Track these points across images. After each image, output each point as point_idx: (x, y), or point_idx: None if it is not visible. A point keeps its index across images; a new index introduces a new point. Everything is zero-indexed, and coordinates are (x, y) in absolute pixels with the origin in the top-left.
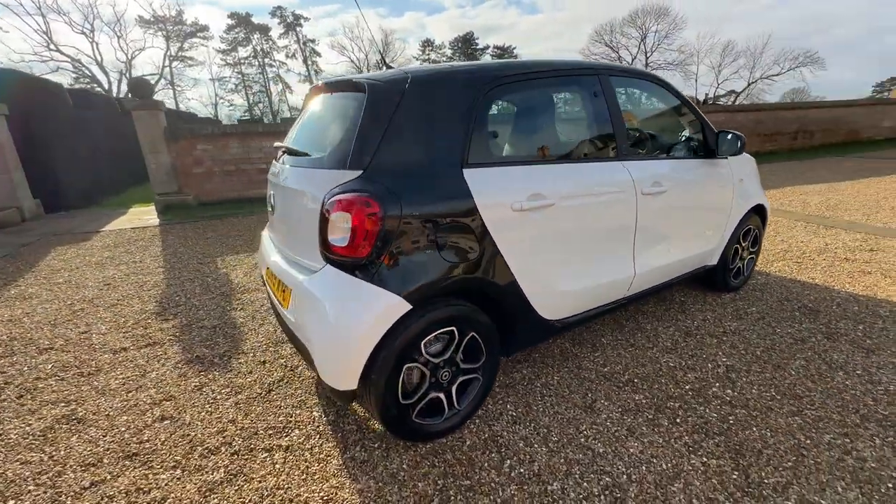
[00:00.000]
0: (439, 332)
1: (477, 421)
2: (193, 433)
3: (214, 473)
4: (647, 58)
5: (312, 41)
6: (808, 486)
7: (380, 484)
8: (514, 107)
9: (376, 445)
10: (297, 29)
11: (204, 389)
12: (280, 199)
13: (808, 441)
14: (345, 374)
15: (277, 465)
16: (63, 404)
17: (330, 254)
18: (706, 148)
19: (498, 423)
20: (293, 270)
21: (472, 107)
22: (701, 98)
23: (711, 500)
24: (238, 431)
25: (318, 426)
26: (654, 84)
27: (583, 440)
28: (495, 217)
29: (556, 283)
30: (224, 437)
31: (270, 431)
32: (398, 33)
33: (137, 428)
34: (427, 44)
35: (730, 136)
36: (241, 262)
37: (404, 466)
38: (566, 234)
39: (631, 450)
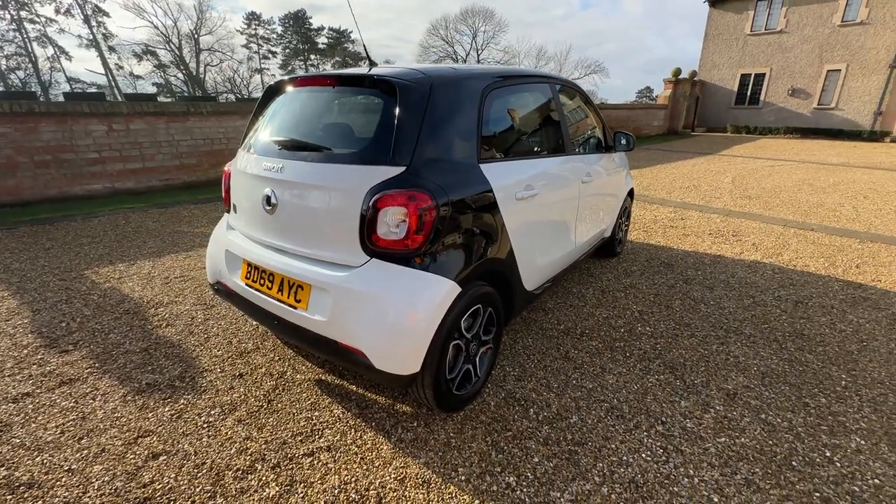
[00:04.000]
0: (472, 309)
1: (489, 386)
2: (208, 460)
3: (266, 489)
4: (478, 54)
5: None
6: (718, 378)
7: (439, 454)
8: (506, 107)
9: (415, 424)
10: None
11: (185, 416)
12: (287, 195)
13: (705, 351)
14: (410, 359)
15: (330, 465)
16: None
17: (376, 247)
18: (606, 144)
19: (506, 383)
20: (315, 268)
21: (480, 106)
22: None
23: (672, 402)
24: (264, 445)
25: (347, 422)
26: (576, 92)
27: (575, 382)
28: (505, 206)
29: (535, 258)
30: (251, 455)
31: (300, 437)
32: (213, 1)
33: (128, 472)
34: (253, 17)
35: (624, 136)
36: (127, 274)
37: (451, 435)
38: (542, 217)
39: (610, 381)
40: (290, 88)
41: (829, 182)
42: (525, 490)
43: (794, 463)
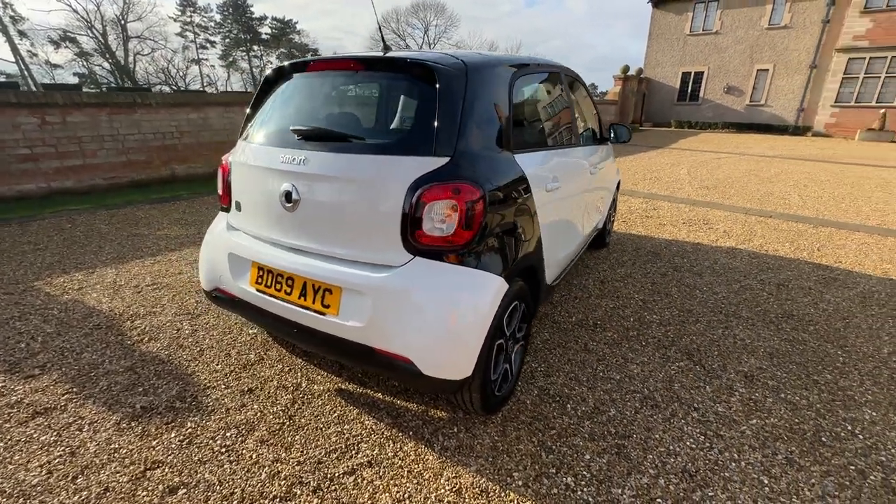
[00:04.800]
0: (512, 306)
1: (520, 383)
2: (237, 489)
3: None
4: (431, 48)
5: None
6: (732, 361)
7: (489, 460)
8: (530, 96)
9: (455, 430)
10: None
11: (197, 441)
12: (311, 190)
13: (713, 336)
14: (463, 363)
15: (377, 482)
16: None
17: (420, 244)
18: (602, 136)
19: (535, 380)
20: (346, 269)
21: (510, 93)
22: None
23: (698, 387)
24: (297, 467)
25: (382, 433)
26: (580, 83)
27: (602, 374)
28: (538, 198)
29: (557, 251)
30: (286, 479)
31: (335, 455)
32: None
33: None
34: (187, 4)
35: (621, 127)
36: (88, 283)
37: (496, 438)
38: (564, 209)
39: (635, 371)
40: (300, 73)
41: (772, 172)
42: (585, 489)
43: (823, 439)
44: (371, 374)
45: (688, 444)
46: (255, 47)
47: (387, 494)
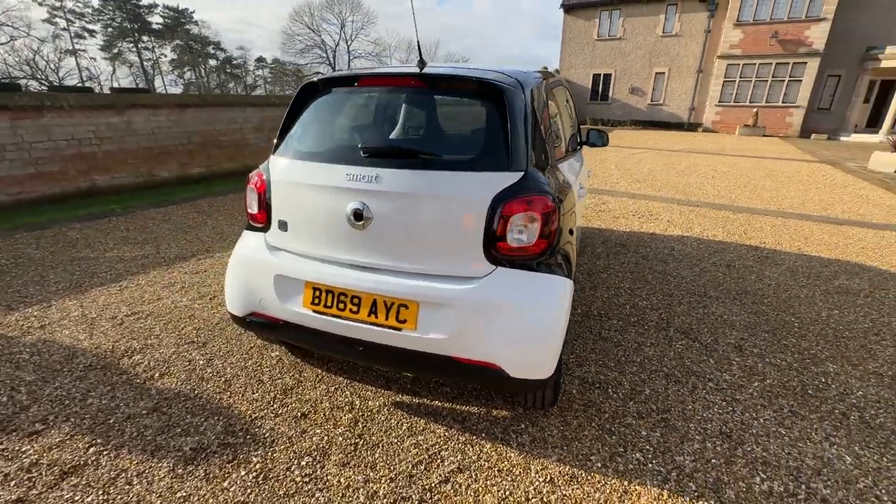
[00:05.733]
0: None
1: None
2: None
3: None
4: (348, 45)
5: None
6: (720, 335)
7: (565, 449)
8: (553, 106)
9: (522, 426)
10: None
11: (273, 475)
12: (385, 208)
13: (697, 314)
14: (549, 363)
15: (474, 485)
16: None
17: (501, 255)
18: (581, 140)
19: (572, 370)
20: (423, 283)
21: (548, 106)
22: None
23: (703, 361)
24: (391, 484)
25: (457, 439)
26: (567, 89)
27: (624, 358)
28: (577, 203)
29: (576, 252)
30: (386, 498)
31: (422, 466)
32: None
33: None
34: None
35: (598, 132)
36: (50, 319)
37: (562, 429)
38: (580, 212)
39: (650, 353)
40: (347, 87)
41: (684, 165)
42: (654, 461)
43: (809, 391)
44: (423, 382)
45: (715, 410)
46: (145, 38)
47: (489, 495)
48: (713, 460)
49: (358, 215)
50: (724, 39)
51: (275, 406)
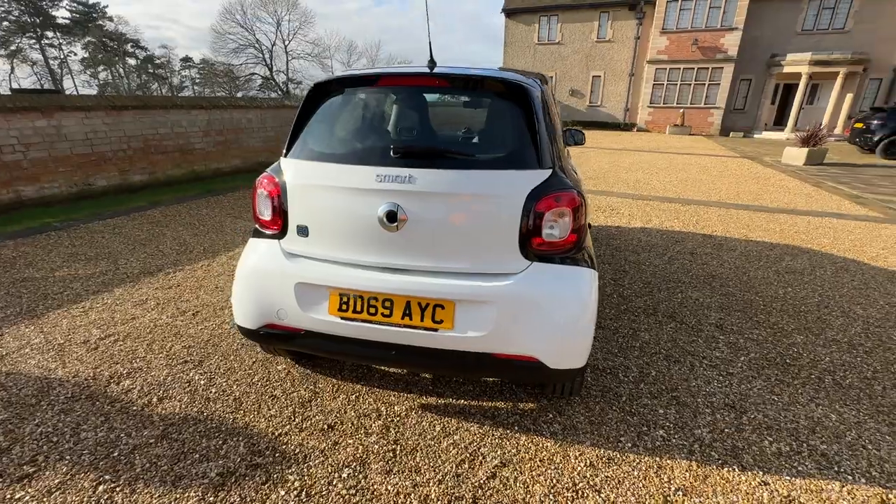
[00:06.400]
0: None
1: None
2: None
3: None
4: (285, 45)
5: None
6: (701, 317)
7: (596, 433)
8: (554, 106)
9: (550, 416)
10: None
11: (316, 491)
12: (421, 208)
13: (677, 299)
14: (584, 352)
15: (521, 477)
16: None
17: (535, 250)
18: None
19: None
20: (458, 282)
21: (552, 108)
22: None
23: (693, 341)
24: (441, 486)
25: (492, 434)
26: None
27: (625, 344)
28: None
29: None
30: (439, 499)
31: (465, 465)
32: None
33: None
34: None
35: (577, 131)
36: (9, 347)
37: (587, 415)
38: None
39: (645, 337)
40: (366, 87)
41: (628, 163)
42: (679, 438)
43: (787, 361)
44: (444, 382)
45: (715, 385)
46: (50, 34)
47: (538, 485)
48: (725, 430)
49: (391, 216)
50: (652, 45)
51: (297, 420)
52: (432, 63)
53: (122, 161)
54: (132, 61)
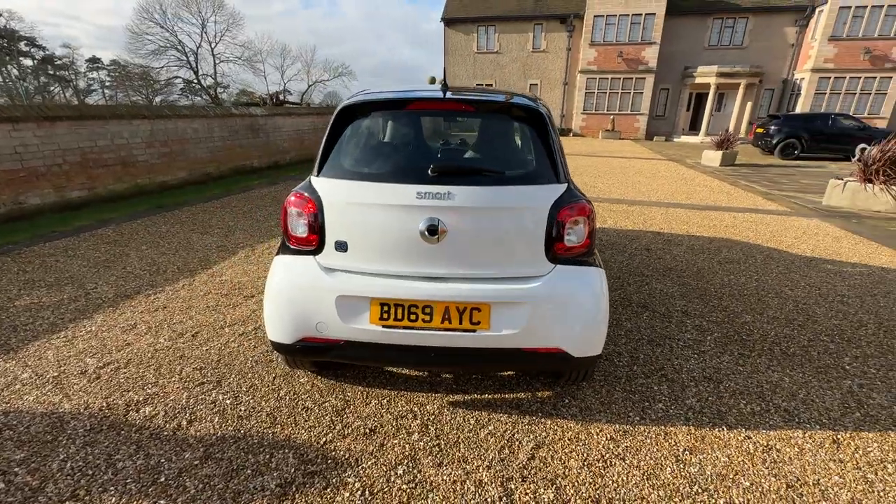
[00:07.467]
0: None
1: None
2: None
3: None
4: (212, 48)
5: None
6: (670, 305)
7: (607, 412)
8: None
9: (567, 401)
10: None
11: (378, 488)
12: (460, 221)
13: (646, 290)
14: (601, 340)
15: (557, 455)
16: None
17: (558, 254)
18: None
19: None
20: (492, 286)
21: None
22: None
23: (666, 326)
24: (490, 472)
25: (521, 421)
26: None
27: (611, 333)
28: None
29: None
30: (491, 482)
31: (507, 451)
32: None
33: None
34: None
35: None
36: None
37: (597, 397)
38: None
39: (627, 325)
40: (393, 110)
41: (572, 167)
42: (675, 408)
43: (744, 337)
44: (466, 379)
45: (693, 361)
46: None
47: (572, 460)
48: (709, 398)
49: (433, 230)
50: (583, 57)
51: (337, 427)
52: (445, 86)
53: (57, 177)
54: (28, 62)
